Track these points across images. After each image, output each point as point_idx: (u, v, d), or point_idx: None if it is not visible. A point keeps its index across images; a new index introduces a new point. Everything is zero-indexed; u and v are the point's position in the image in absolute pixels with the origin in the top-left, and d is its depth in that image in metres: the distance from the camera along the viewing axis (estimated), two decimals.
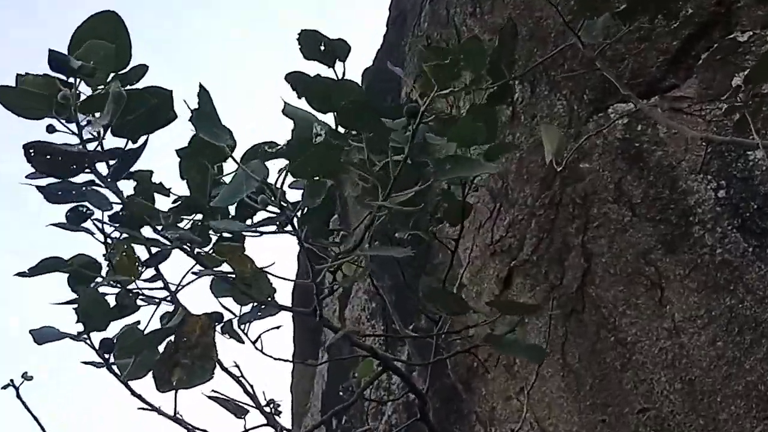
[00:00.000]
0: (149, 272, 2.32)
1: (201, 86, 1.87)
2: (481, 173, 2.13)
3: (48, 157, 1.80)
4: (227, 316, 2.40)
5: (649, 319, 2.94)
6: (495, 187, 3.38)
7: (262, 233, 2.25)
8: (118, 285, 2.24)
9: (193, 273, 2.19)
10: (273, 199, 1.89)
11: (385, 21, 4.45)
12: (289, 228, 2.04)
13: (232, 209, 2.26)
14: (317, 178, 2.05)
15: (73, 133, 1.86)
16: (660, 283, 2.91)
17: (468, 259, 3.40)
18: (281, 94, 2.01)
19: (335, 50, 2.18)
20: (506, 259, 3.34)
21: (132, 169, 2.12)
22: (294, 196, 2.16)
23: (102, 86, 1.89)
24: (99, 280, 2.21)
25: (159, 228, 2.11)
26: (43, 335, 2.05)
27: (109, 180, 1.99)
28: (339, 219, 3.75)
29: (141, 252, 2.27)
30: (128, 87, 1.91)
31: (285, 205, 1.92)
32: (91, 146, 1.92)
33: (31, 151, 1.77)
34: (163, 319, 2.33)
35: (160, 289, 2.33)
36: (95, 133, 1.89)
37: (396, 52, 4.19)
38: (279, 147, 1.93)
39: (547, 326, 3.17)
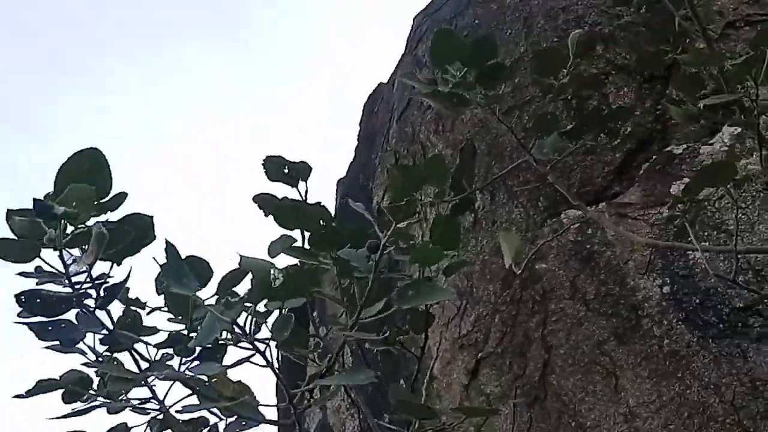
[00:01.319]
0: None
1: (167, 242, 1.87)
2: (439, 300, 2.10)
3: (38, 300, 1.77)
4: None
5: (605, 405, 2.88)
6: (461, 286, 3.37)
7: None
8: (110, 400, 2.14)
9: (178, 410, 2.10)
10: (245, 336, 1.85)
11: (356, 137, 4.53)
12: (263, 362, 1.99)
13: None
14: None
15: (59, 273, 1.81)
16: (614, 372, 2.87)
17: (437, 353, 3.37)
18: (236, 249, 1.98)
19: (298, 172, 2.19)
20: (473, 351, 3.31)
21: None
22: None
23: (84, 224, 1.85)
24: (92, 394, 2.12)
25: (144, 355, 2.06)
26: None
27: (95, 312, 1.94)
28: (317, 313, 3.76)
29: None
30: (109, 213, 1.90)
31: (255, 343, 1.88)
32: (79, 276, 1.87)
33: (22, 298, 1.74)
34: (152, 426, 2.22)
35: (150, 399, 2.19)
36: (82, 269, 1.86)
37: (368, 165, 4.23)
38: (241, 297, 1.88)
39: (512, 414, 3.10)
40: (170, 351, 2.04)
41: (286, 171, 2.16)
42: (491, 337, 3.22)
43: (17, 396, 1.97)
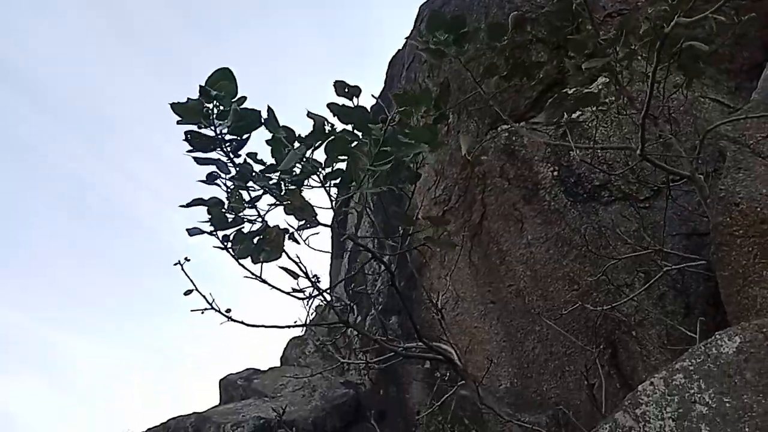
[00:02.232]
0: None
1: (270, 109, 1.82)
2: (421, 151, 1.99)
3: (197, 139, 1.77)
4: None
5: (515, 238, 2.93)
6: (437, 168, 3.35)
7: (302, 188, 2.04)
8: (234, 212, 2.06)
9: (269, 204, 2.03)
10: (310, 166, 1.83)
11: (383, 78, 4.36)
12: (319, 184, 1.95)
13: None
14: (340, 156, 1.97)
15: (212, 129, 1.79)
16: (521, 220, 2.91)
17: (421, 206, 3.37)
18: (307, 106, 1.95)
19: (352, 91, 2.09)
20: (442, 206, 3.32)
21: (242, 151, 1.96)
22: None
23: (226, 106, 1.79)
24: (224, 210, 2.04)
25: (256, 181, 1.97)
26: (193, 231, 1.99)
27: (230, 155, 1.89)
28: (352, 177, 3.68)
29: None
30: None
31: (317, 169, 1.87)
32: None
33: (188, 135, 1.75)
34: (257, 229, 2.13)
35: (256, 215, 2.12)
36: (224, 130, 1.81)
37: (390, 93, 3.93)
38: (306, 135, 1.85)
39: (462, 240, 3.16)
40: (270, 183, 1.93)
41: (346, 90, 2.05)
42: (452, 198, 3.26)
43: (181, 206, 1.92)
